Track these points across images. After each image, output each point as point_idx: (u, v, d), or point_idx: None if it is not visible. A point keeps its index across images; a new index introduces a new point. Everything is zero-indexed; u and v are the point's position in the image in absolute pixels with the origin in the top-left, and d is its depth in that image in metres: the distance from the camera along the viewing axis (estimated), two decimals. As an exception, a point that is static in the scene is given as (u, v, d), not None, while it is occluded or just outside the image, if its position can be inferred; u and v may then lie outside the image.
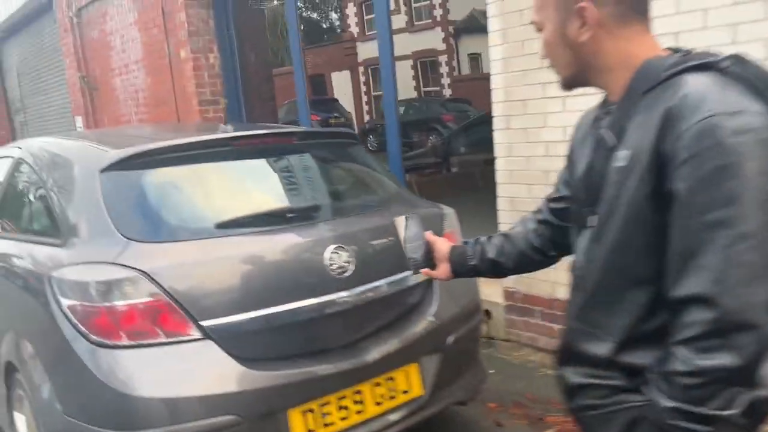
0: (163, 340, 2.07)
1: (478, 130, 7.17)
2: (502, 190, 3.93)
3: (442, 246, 1.92)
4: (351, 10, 20.46)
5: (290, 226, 2.35)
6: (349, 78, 18.02)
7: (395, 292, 2.51)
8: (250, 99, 6.93)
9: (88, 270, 2.13)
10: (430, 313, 2.59)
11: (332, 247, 2.32)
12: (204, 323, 2.10)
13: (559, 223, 1.63)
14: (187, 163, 2.43)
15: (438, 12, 16.25)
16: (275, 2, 8.30)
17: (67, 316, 2.10)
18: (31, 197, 2.75)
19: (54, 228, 2.40)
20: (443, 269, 1.90)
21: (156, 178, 2.37)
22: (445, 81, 16.85)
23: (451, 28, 16.85)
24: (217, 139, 2.50)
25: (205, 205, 2.37)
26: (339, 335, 2.38)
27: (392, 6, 15.13)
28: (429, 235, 1.98)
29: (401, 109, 12.40)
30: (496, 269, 1.79)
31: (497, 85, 3.83)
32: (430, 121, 15.24)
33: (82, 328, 2.07)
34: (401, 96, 12.52)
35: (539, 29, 1.37)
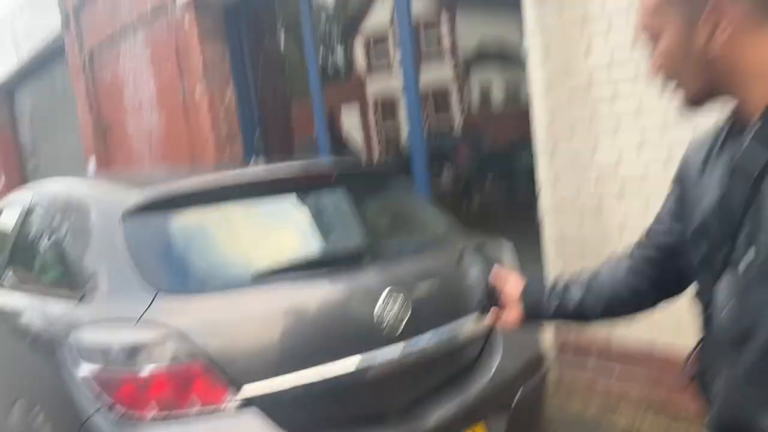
0: (200, 410, 1.77)
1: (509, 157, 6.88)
2: (548, 222, 3.63)
3: (512, 286, 1.65)
4: (359, 42, 20.44)
5: (336, 273, 2.06)
6: (358, 113, 17.91)
7: (454, 343, 2.21)
8: (268, 135, 6.72)
9: (111, 329, 1.84)
10: (494, 366, 2.28)
11: (384, 294, 2.02)
12: (246, 389, 1.80)
13: (667, 261, 1.37)
14: (218, 205, 2.16)
15: (447, 41, 16.08)
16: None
17: (87, 384, 1.81)
18: (45, 245, 2.48)
19: (70, 280, 2.13)
20: (513, 313, 1.63)
21: (184, 222, 2.10)
22: (456, 113, 16.56)
23: (461, 59, 16.67)
24: (250, 179, 2.23)
25: (240, 252, 2.10)
26: (394, 396, 2.08)
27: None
28: (499, 272, 1.71)
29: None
30: (581, 313, 1.53)
31: (540, 106, 3.57)
32: (445, 151, 15.06)
33: (105, 399, 1.78)
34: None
35: (653, 37, 1.11)
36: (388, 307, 2.01)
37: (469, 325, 2.24)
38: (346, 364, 1.92)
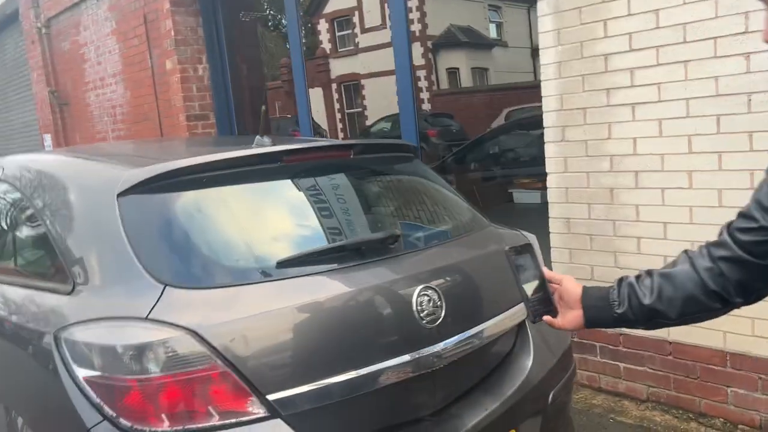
0: (218, 422, 1.54)
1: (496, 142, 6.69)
2: (555, 210, 3.48)
3: (572, 288, 1.49)
4: (323, 26, 20.19)
5: (366, 263, 1.84)
6: (321, 95, 17.66)
7: (488, 342, 2.03)
8: (243, 114, 6.40)
9: (114, 329, 1.59)
10: (528, 365, 2.10)
11: (419, 288, 1.82)
12: (271, 397, 1.58)
13: (757, 261, 1.25)
14: (231, 186, 1.92)
15: (417, 27, 15.95)
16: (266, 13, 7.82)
17: (84, 393, 1.56)
18: (22, 230, 2.19)
19: (56, 270, 1.85)
20: (572, 317, 1.49)
21: (192, 203, 1.84)
22: (425, 95, 16.54)
23: (429, 44, 16.64)
24: (265, 155, 1.98)
25: (258, 239, 1.85)
26: (429, 400, 1.89)
27: (378, 22, 14.68)
28: (551, 274, 1.54)
29: (382, 125, 12.02)
30: (652, 319, 1.40)
31: (549, 92, 3.40)
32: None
33: (107, 410, 1.53)
34: (384, 112, 12.11)
35: None
36: (424, 303, 1.81)
37: (502, 321, 2.06)
38: (383, 367, 1.71)
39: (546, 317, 1.51)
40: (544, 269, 1.55)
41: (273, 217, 1.90)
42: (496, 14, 15.11)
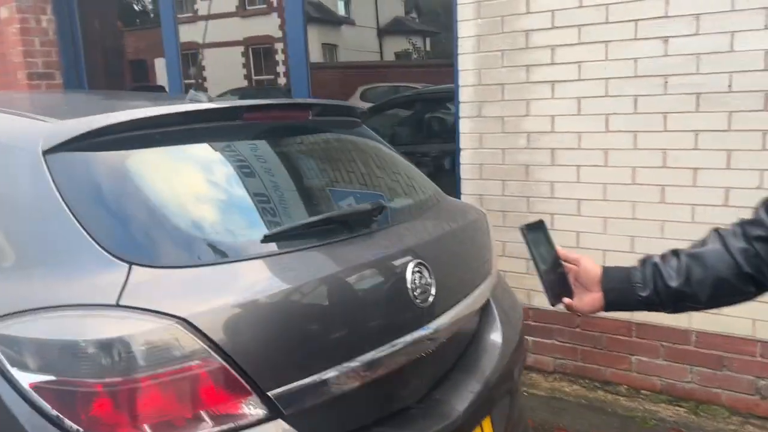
0: (213, 428, 1.27)
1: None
2: (467, 187, 3.45)
3: (590, 268, 1.42)
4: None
5: (354, 236, 1.62)
6: (165, 65, 16.38)
7: (466, 320, 1.92)
8: (96, 74, 5.68)
9: (73, 319, 1.24)
10: (498, 342, 2.02)
11: (413, 263, 1.65)
12: (272, 393, 1.33)
13: None
14: (187, 143, 1.60)
15: (272, -1, 15.31)
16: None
17: (33, 404, 1.20)
18: None
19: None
20: (591, 300, 1.42)
21: (148, 165, 1.50)
22: (281, 69, 16.02)
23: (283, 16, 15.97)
24: (227, 109, 1.68)
25: (234, 208, 1.56)
26: (416, 386, 1.73)
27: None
28: (566, 252, 1.47)
29: (230, 98, 11.44)
30: (679, 302, 1.35)
31: (466, 66, 3.34)
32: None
33: (68, 423, 1.19)
34: (229, 85, 11.55)
35: None
36: (417, 280, 1.64)
37: (481, 296, 1.96)
38: (384, 356, 1.53)
39: (565, 300, 1.42)
40: (559, 248, 1.46)
41: (243, 183, 1.60)
42: (345, -9, 15.01)
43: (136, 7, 7.69)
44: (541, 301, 3.02)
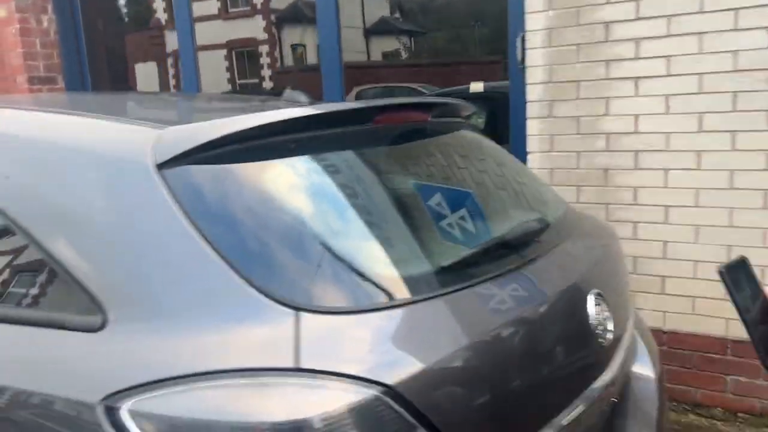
0: None
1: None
2: (535, 194, 3.16)
3: None
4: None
5: (527, 263, 1.33)
6: (156, 70, 16.00)
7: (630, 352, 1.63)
8: (100, 77, 5.30)
9: (246, 391, 0.93)
10: (651, 377, 1.73)
11: (593, 295, 1.37)
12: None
13: None
14: (324, 152, 1.30)
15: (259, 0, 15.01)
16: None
17: None
18: None
19: (60, 291, 1.10)
20: None
21: (284, 181, 1.20)
22: (266, 73, 15.69)
23: (273, 17, 15.75)
24: (359, 111, 1.38)
25: (392, 232, 1.25)
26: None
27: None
28: None
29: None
30: None
31: (536, 62, 3.07)
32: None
33: None
34: (214, 88, 11.19)
35: None
36: (598, 315, 1.35)
37: (631, 328, 1.68)
38: (582, 412, 1.24)
39: None
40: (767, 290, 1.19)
41: (398, 201, 1.30)
42: (335, -8, 14.77)
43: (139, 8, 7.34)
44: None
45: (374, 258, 1.11)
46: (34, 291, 1.13)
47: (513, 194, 1.63)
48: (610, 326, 1.39)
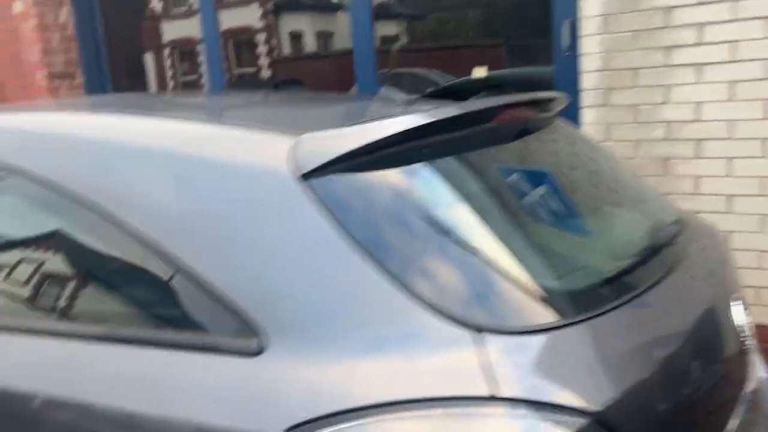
0: None
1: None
2: (590, 185, 3.09)
3: None
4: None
5: (675, 270, 1.26)
6: (153, 61, 15.81)
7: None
8: (119, 72, 5.18)
9: (443, 423, 0.86)
10: (764, 377, 1.68)
11: (733, 298, 1.30)
12: None
13: None
14: (462, 158, 1.22)
15: (256, -14, 14.76)
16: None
17: None
18: (106, 249, 1.26)
19: (204, 313, 1.03)
20: None
21: (438, 188, 1.12)
22: (264, 62, 15.40)
23: (270, 5, 15.50)
24: (483, 111, 1.30)
25: (554, 239, 1.18)
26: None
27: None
28: None
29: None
30: None
31: (591, 49, 2.99)
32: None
33: None
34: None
35: None
36: (744, 324, 1.29)
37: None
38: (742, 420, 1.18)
39: None
40: None
41: (546, 206, 1.23)
42: (335, -23, 14.64)
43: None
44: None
45: (548, 268, 1.04)
46: (177, 312, 1.06)
47: (631, 193, 1.56)
48: (749, 329, 1.33)
